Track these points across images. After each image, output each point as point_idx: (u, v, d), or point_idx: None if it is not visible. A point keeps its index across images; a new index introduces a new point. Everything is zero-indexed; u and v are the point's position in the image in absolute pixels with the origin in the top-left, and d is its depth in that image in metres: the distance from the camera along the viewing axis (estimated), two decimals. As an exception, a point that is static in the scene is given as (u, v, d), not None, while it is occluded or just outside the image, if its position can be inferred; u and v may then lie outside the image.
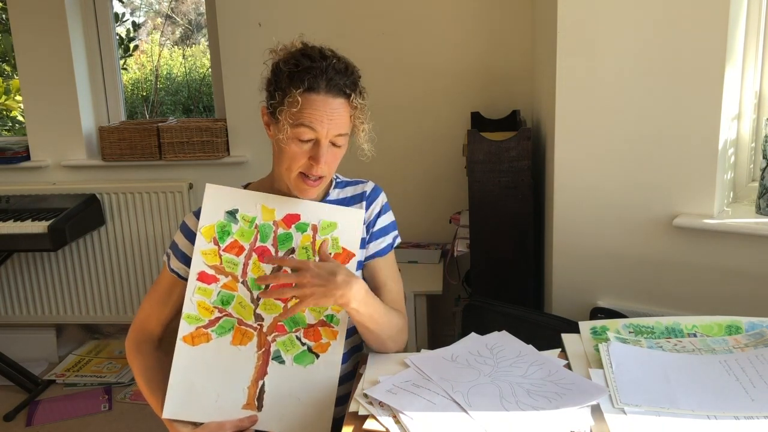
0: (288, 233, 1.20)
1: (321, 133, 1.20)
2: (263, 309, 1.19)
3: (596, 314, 1.87)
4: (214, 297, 1.19)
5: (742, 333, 1.25)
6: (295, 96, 1.17)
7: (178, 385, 1.18)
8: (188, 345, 1.18)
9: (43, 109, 2.95)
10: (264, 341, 1.18)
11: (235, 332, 1.18)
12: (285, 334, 1.18)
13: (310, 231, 1.21)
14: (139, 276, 3.03)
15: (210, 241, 1.20)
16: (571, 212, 1.91)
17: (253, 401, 1.16)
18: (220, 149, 2.87)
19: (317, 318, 1.19)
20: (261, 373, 1.17)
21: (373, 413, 1.05)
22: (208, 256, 1.20)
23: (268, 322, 1.18)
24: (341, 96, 1.21)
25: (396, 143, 2.73)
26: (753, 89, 1.85)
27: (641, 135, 1.77)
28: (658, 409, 1.02)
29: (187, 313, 1.19)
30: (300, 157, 1.22)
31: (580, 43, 1.80)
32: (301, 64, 1.20)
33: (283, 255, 1.20)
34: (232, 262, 1.20)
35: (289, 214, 1.22)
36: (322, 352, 1.18)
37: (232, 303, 1.19)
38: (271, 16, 2.74)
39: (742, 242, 1.70)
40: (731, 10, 1.63)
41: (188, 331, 1.19)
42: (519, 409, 1.04)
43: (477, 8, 2.64)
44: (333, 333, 1.19)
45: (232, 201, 1.22)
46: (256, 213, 1.21)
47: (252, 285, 1.19)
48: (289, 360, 1.17)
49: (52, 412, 2.68)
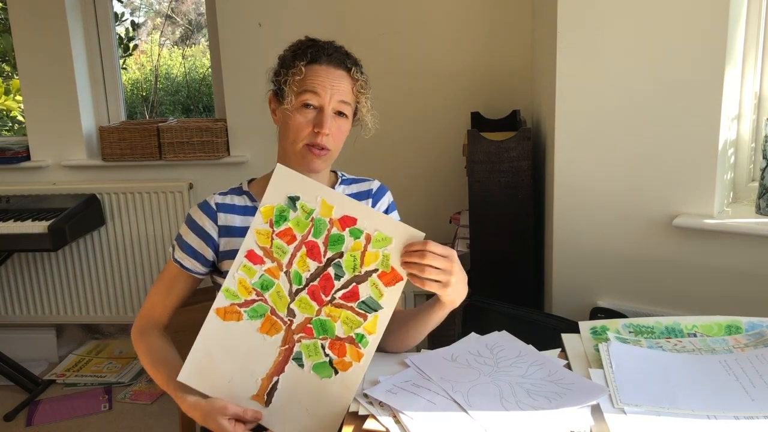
0: (341, 235, 1.16)
1: (324, 98, 1.27)
2: (297, 305, 1.15)
3: (596, 314, 1.87)
4: (256, 279, 1.16)
5: (742, 333, 1.25)
6: (299, 67, 1.27)
7: (198, 353, 1.17)
8: (219, 318, 1.16)
9: (43, 109, 2.95)
10: (290, 338, 1.15)
11: (265, 320, 1.16)
12: (311, 339, 1.15)
13: (362, 239, 1.15)
14: (139, 276, 3.03)
15: (266, 222, 1.17)
16: (571, 212, 1.91)
17: (263, 394, 1.14)
18: (220, 149, 2.87)
19: (347, 333, 1.14)
20: (278, 370, 1.15)
21: (373, 413, 1.05)
22: (261, 237, 1.17)
23: (298, 320, 1.15)
24: (342, 68, 1.30)
25: (396, 143, 2.73)
26: (753, 90, 1.85)
27: (641, 135, 1.77)
28: (658, 409, 1.02)
29: (226, 286, 1.17)
30: (305, 127, 1.27)
31: (580, 43, 1.80)
32: (304, 44, 1.32)
33: (331, 256, 1.16)
34: (281, 249, 1.16)
35: (347, 216, 1.16)
36: (343, 370, 1.14)
37: (271, 290, 1.16)
38: (271, 16, 2.74)
39: (742, 242, 1.70)
40: (731, 10, 1.63)
41: (222, 305, 1.17)
42: (519, 409, 1.04)
43: (477, 8, 2.64)
44: (358, 355, 1.14)
45: (296, 187, 1.18)
46: (315, 206, 1.16)
47: (294, 277, 1.16)
48: (308, 366, 1.14)
49: (52, 412, 2.68)
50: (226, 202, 1.36)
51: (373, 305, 1.13)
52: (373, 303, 1.13)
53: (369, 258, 1.14)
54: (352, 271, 1.14)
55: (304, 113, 1.27)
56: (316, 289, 1.15)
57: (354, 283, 1.13)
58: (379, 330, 1.12)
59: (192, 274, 1.36)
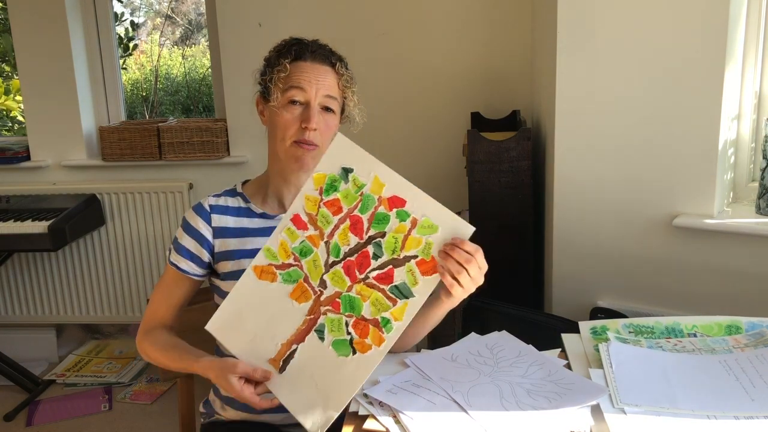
0: (387, 215, 1.13)
1: (310, 93, 1.28)
2: (330, 277, 1.14)
3: (596, 314, 1.87)
4: (296, 243, 1.16)
5: (742, 333, 1.25)
6: (284, 64, 1.28)
7: (229, 307, 1.18)
8: (254, 275, 1.17)
9: (43, 109, 2.95)
10: (317, 309, 1.14)
11: (297, 286, 1.15)
12: (337, 314, 1.13)
13: (408, 223, 1.12)
14: (139, 276, 3.03)
15: (317, 189, 1.16)
16: (571, 212, 1.91)
17: (279, 360, 1.14)
18: (220, 149, 2.87)
19: (373, 315, 1.12)
20: (299, 338, 1.14)
21: (373, 413, 1.05)
22: (309, 203, 1.17)
23: (328, 292, 1.14)
24: (327, 64, 1.31)
25: (396, 143, 2.73)
26: (753, 89, 1.85)
27: (641, 135, 1.77)
28: (658, 409, 1.02)
29: (268, 246, 1.17)
30: (292, 123, 1.28)
31: (580, 43, 1.80)
32: (288, 43, 1.33)
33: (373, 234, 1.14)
34: (326, 218, 1.16)
35: (397, 196, 1.13)
36: (361, 351, 1.11)
37: (308, 257, 1.16)
38: (271, 16, 2.74)
39: (742, 242, 1.70)
40: (731, 10, 1.63)
41: (260, 263, 1.17)
42: (519, 409, 1.04)
43: (477, 8, 2.64)
44: (380, 339, 1.11)
45: (351, 159, 1.16)
46: (367, 181, 1.15)
47: (333, 249, 1.15)
48: (328, 340, 1.12)
49: (52, 412, 2.68)
50: (220, 204, 1.37)
51: (406, 292, 1.10)
52: (406, 289, 1.10)
53: (411, 243, 1.11)
54: (391, 253, 1.11)
55: (291, 110, 1.28)
56: (352, 265, 1.13)
57: (391, 265, 1.11)
58: (406, 318, 1.09)
59: (189, 276, 1.36)
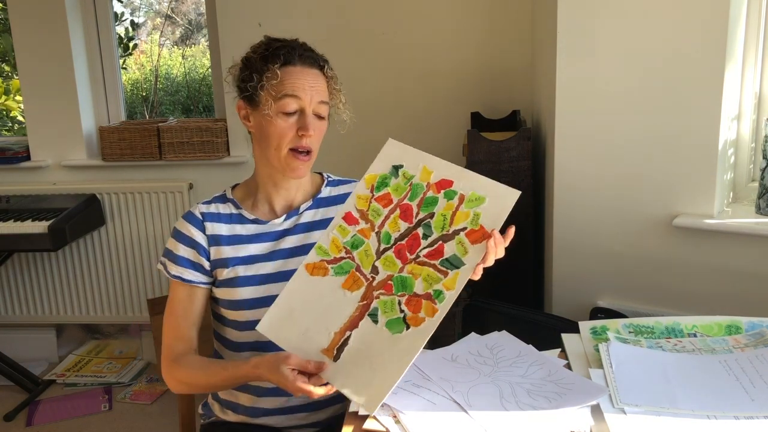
0: (435, 197, 1.17)
1: (305, 100, 1.25)
2: (382, 263, 1.16)
3: (596, 314, 1.87)
4: (348, 238, 1.19)
5: (742, 333, 1.25)
6: (274, 70, 1.24)
7: (280, 306, 1.19)
8: (306, 273, 1.19)
9: (43, 109, 2.95)
10: (369, 294, 1.15)
11: (349, 276, 1.17)
12: (389, 295, 1.14)
13: (456, 200, 1.16)
14: (139, 276, 3.03)
15: (368, 188, 1.21)
16: (571, 212, 1.91)
17: (333, 348, 1.13)
18: (220, 149, 2.87)
19: (426, 289, 1.12)
20: (352, 324, 1.14)
21: (373, 413, 1.06)
22: (360, 201, 1.21)
23: (380, 277, 1.16)
24: (315, 67, 1.28)
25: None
26: (753, 89, 1.85)
27: (641, 135, 1.77)
28: (658, 409, 1.02)
29: (320, 244, 1.21)
30: (288, 132, 1.25)
31: (580, 43, 1.80)
32: (271, 45, 1.28)
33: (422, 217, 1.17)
34: (377, 211, 1.20)
35: (444, 179, 1.18)
36: (414, 325, 1.11)
37: (360, 248, 1.18)
38: (271, 16, 2.74)
39: (742, 242, 1.70)
40: (731, 10, 1.63)
41: (312, 260, 1.20)
42: (519, 409, 1.04)
43: (477, 8, 2.64)
44: (433, 310, 1.11)
45: (401, 157, 1.22)
46: (416, 172, 1.20)
47: (384, 237, 1.18)
48: (382, 322, 1.13)
49: (52, 412, 2.68)
50: (211, 211, 1.34)
51: (456, 262, 1.11)
52: (456, 260, 1.11)
53: (459, 217, 1.14)
54: (441, 230, 1.14)
55: (285, 118, 1.25)
56: (402, 248, 1.15)
57: (440, 241, 1.13)
58: (458, 286, 1.10)
59: (198, 286, 1.31)
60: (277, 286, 1.29)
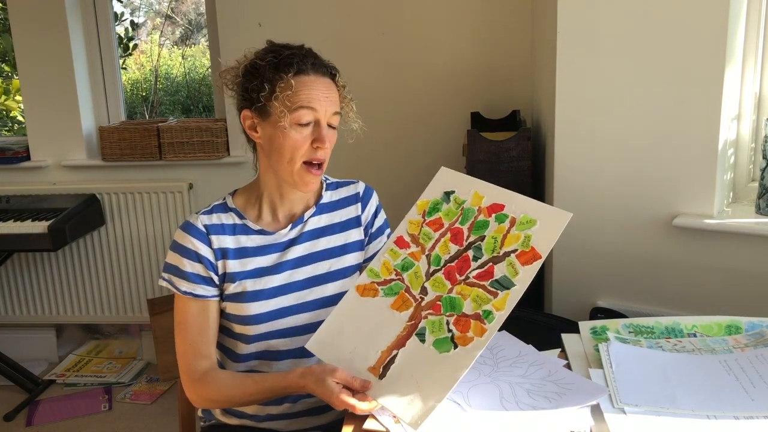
0: (486, 221, 1.19)
1: (321, 112, 1.21)
2: (431, 284, 1.18)
3: (596, 314, 1.87)
4: (399, 261, 1.22)
5: (742, 333, 1.25)
6: (288, 80, 1.19)
7: (330, 325, 1.20)
8: (357, 294, 1.21)
9: (43, 109, 2.95)
10: (418, 314, 1.17)
11: (398, 297, 1.19)
12: (438, 315, 1.15)
13: (507, 223, 1.18)
14: (139, 276, 3.03)
15: (420, 213, 1.25)
16: (571, 212, 1.91)
17: (379, 367, 1.14)
18: (220, 149, 2.87)
19: (474, 310, 1.13)
20: (400, 344, 1.15)
21: (373, 413, 1.05)
22: (412, 225, 1.24)
23: (429, 298, 1.17)
24: (328, 76, 1.25)
25: (396, 143, 2.73)
26: (753, 90, 1.85)
27: (641, 135, 1.77)
28: (658, 409, 1.02)
29: (371, 267, 1.23)
30: (302, 143, 1.21)
31: (580, 43, 1.80)
32: (281, 53, 1.22)
33: (473, 240, 1.18)
34: (428, 235, 1.22)
35: (495, 203, 1.21)
36: (462, 344, 1.11)
37: (410, 270, 1.21)
38: (271, 16, 2.74)
39: (742, 242, 1.70)
40: (731, 10, 1.63)
41: (363, 282, 1.22)
42: (519, 409, 1.04)
43: (477, 8, 2.64)
44: (482, 330, 1.11)
45: (453, 184, 1.26)
46: (467, 197, 1.23)
47: (434, 259, 1.20)
48: (429, 341, 1.13)
49: (52, 412, 2.68)
50: (214, 222, 1.28)
51: (506, 283, 1.12)
52: (507, 281, 1.12)
53: (510, 240, 1.15)
54: (491, 252, 1.15)
55: (300, 129, 1.21)
56: (452, 270, 1.17)
57: (491, 263, 1.14)
58: (508, 307, 1.10)
59: (210, 300, 1.27)
60: (287, 298, 1.28)
